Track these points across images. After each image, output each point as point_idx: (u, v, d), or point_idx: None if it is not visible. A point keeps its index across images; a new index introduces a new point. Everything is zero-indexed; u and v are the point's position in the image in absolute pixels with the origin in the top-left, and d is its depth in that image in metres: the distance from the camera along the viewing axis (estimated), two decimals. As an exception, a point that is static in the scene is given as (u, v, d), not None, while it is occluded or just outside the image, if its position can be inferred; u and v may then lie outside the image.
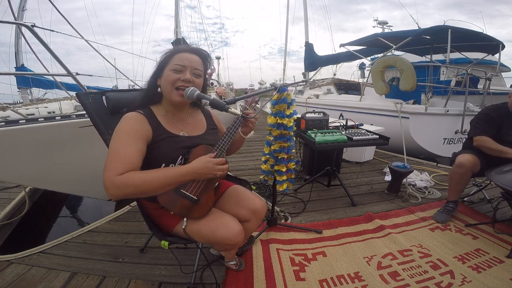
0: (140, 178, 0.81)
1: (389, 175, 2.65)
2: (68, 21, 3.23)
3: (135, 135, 0.88)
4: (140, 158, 0.87)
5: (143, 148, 0.89)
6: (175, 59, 0.95)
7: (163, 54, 0.99)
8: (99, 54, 3.36)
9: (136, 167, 0.84)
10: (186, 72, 0.94)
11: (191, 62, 0.95)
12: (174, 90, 0.95)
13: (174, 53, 0.97)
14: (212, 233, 0.97)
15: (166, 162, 0.94)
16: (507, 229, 1.75)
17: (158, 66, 0.97)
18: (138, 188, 0.80)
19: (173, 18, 9.60)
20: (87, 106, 1.07)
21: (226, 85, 14.18)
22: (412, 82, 4.05)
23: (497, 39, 4.30)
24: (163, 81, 0.96)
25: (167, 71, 0.94)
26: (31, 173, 1.87)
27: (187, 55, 0.96)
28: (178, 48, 1.00)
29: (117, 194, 0.79)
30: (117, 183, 0.78)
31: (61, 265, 1.47)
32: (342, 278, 1.35)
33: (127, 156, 0.83)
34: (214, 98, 1.01)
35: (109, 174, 0.79)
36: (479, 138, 1.81)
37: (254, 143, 4.82)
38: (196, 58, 0.98)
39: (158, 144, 0.94)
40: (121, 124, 0.90)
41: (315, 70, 8.38)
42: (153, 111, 0.99)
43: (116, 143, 0.85)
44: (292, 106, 1.44)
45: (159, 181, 0.83)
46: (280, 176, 1.50)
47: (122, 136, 0.86)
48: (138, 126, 0.90)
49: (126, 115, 0.93)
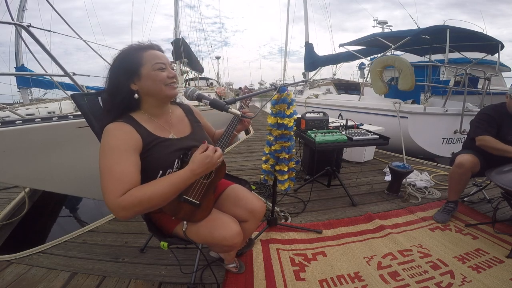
0: (145, 194, 0.75)
1: (389, 175, 2.65)
2: (65, 21, 3.22)
3: (126, 148, 0.80)
4: (137, 172, 0.80)
5: (137, 160, 0.82)
6: (149, 57, 0.87)
7: (121, 56, 0.88)
8: (97, 54, 3.35)
9: (136, 183, 0.78)
10: (169, 69, 0.90)
11: (164, 57, 0.91)
12: (164, 87, 0.90)
13: (139, 51, 0.87)
14: (210, 234, 0.97)
15: (163, 168, 0.89)
16: (507, 229, 1.76)
17: (127, 68, 0.86)
18: (147, 204, 0.76)
19: (172, 17, 9.56)
20: (83, 107, 1.05)
21: (226, 85, 14.17)
22: (411, 82, 4.05)
23: (497, 39, 4.30)
24: (149, 82, 0.87)
25: (150, 71, 0.86)
26: (28, 174, 1.86)
27: (156, 52, 0.90)
28: (138, 47, 0.89)
29: (126, 216, 0.73)
30: (123, 205, 0.72)
31: (61, 265, 1.47)
32: (342, 278, 1.35)
33: (124, 173, 0.76)
34: (214, 98, 1.01)
35: (111, 197, 0.72)
36: (482, 138, 1.80)
37: (254, 143, 4.82)
38: (162, 52, 0.92)
39: (151, 152, 0.87)
40: (106, 139, 0.81)
41: (315, 70, 8.38)
42: (135, 118, 0.90)
43: (107, 161, 0.77)
44: (292, 106, 1.44)
45: (166, 192, 0.78)
46: (282, 175, 1.51)
47: (111, 152, 0.78)
48: (126, 137, 0.82)
49: (108, 127, 0.83)
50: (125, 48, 0.91)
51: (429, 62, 5.39)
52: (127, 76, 0.86)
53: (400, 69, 4.20)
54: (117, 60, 0.88)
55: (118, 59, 0.88)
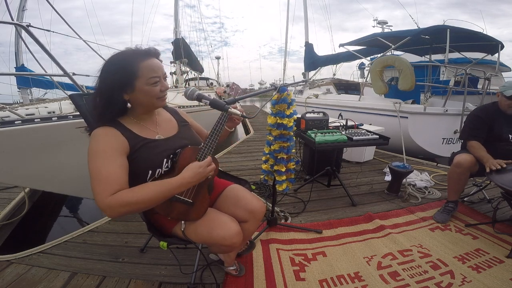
0: (132, 197, 0.78)
1: (389, 175, 2.65)
2: (65, 21, 3.22)
3: (111, 152, 0.83)
4: (124, 173, 0.83)
5: (124, 162, 0.85)
6: (145, 70, 0.86)
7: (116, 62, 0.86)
8: (97, 54, 3.35)
9: (124, 183, 0.81)
10: (162, 81, 0.91)
11: (161, 69, 0.90)
12: (156, 100, 0.92)
13: (135, 61, 0.85)
14: (208, 234, 0.97)
15: (152, 168, 0.90)
16: (507, 229, 1.76)
17: (122, 79, 0.85)
18: (135, 206, 0.79)
19: (172, 17, 9.55)
20: (81, 108, 1.05)
21: (226, 85, 14.17)
22: (411, 82, 4.05)
23: (496, 39, 4.30)
24: (141, 96, 0.88)
25: (143, 86, 0.86)
26: (27, 174, 1.86)
27: (152, 62, 0.88)
28: (135, 55, 0.87)
29: (113, 215, 0.78)
30: (111, 204, 0.76)
31: (61, 265, 1.47)
32: (342, 278, 1.35)
33: (111, 175, 0.79)
34: (214, 98, 1.01)
35: (99, 198, 0.77)
36: (468, 144, 1.87)
37: (254, 143, 4.83)
38: (158, 61, 0.92)
39: (138, 153, 0.90)
40: (93, 144, 0.84)
41: (315, 70, 8.38)
42: (122, 122, 0.92)
43: (94, 165, 0.81)
44: (292, 106, 1.44)
45: (153, 197, 0.81)
46: (279, 176, 1.50)
47: (98, 156, 0.82)
48: (112, 140, 0.85)
49: (94, 132, 0.87)
50: (120, 52, 0.89)
51: (429, 62, 5.39)
52: (121, 87, 0.86)
53: (400, 69, 4.20)
54: (112, 65, 0.86)
55: (113, 65, 0.87)
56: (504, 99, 1.78)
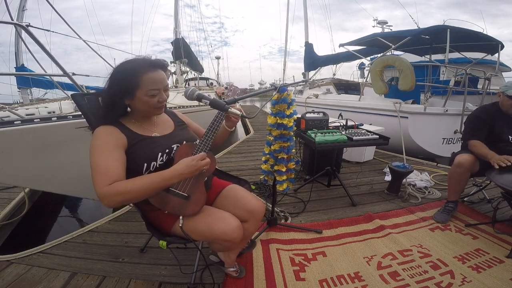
0: (126, 186, 0.84)
1: (389, 175, 2.65)
2: (65, 21, 3.22)
3: (110, 146, 0.90)
4: (121, 165, 0.89)
5: (122, 156, 0.91)
6: (146, 82, 0.91)
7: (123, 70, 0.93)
8: (97, 54, 3.35)
9: (120, 175, 0.87)
10: (161, 93, 0.97)
11: (162, 82, 0.95)
12: (153, 109, 0.98)
13: (139, 73, 0.91)
14: (209, 229, 0.98)
15: (147, 161, 0.95)
16: (507, 229, 1.76)
17: (125, 87, 0.92)
18: (128, 195, 0.84)
19: (172, 17, 9.53)
20: (83, 108, 1.07)
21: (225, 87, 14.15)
22: (411, 82, 4.05)
23: (496, 39, 4.30)
24: (139, 104, 0.96)
25: (142, 96, 0.93)
26: (27, 175, 1.86)
27: (155, 74, 0.93)
28: (141, 65, 0.92)
29: (109, 204, 0.83)
30: (107, 193, 0.82)
31: (61, 265, 1.47)
32: (342, 278, 1.35)
33: (108, 167, 0.86)
34: (214, 98, 1.01)
35: (97, 188, 0.83)
36: (469, 143, 1.85)
37: (254, 143, 4.83)
38: (163, 74, 0.97)
39: (135, 148, 0.96)
40: (94, 141, 0.92)
41: (315, 70, 8.37)
42: (122, 122, 1.00)
43: (94, 159, 0.88)
44: (292, 106, 1.44)
45: (145, 188, 0.86)
46: (280, 176, 1.50)
47: (98, 150, 0.89)
48: (112, 137, 0.93)
49: (96, 130, 0.94)
50: (130, 60, 0.96)
51: (429, 62, 5.39)
52: (123, 93, 0.94)
53: (400, 69, 4.19)
54: (119, 73, 0.94)
55: (119, 72, 0.94)
56: (506, 98, 1.78)
